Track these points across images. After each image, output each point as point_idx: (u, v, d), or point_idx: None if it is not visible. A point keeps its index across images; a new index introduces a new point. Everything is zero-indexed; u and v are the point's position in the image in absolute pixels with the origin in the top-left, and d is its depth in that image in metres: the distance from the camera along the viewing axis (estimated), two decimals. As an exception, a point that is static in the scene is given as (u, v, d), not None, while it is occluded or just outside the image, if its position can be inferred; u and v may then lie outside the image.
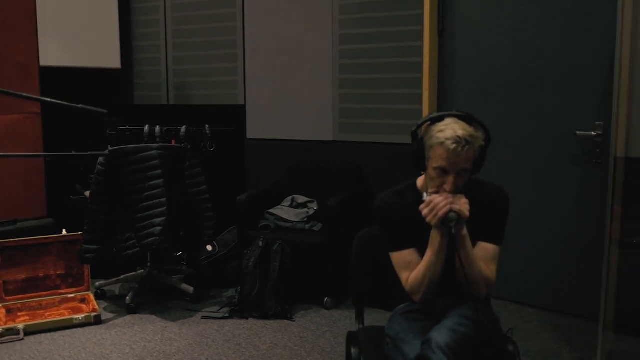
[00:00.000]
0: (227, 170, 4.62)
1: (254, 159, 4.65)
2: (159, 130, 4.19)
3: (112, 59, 4.75)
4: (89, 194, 3.61)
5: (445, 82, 3.88)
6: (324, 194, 3.92)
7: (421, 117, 2.03)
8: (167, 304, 3.81)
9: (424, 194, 1.96)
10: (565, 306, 3.54)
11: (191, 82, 4.83)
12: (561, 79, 3.43)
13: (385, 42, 4.05)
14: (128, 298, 3.69)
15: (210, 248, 4.15)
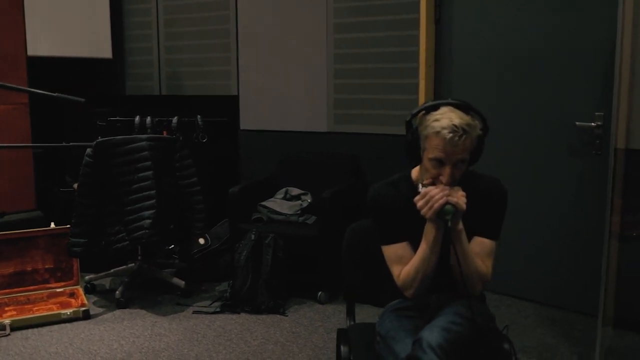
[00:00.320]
0: (220, 162, 4.55)
1: (247, 150, 4.57)
2: (150, 121, 4.12)
3: (103, 49, 4.66)
4: (77, 186, 3.53)
5: (442, 72, 3.80)
6: (318, 186, 3.84)
7: (417, 107, 1.95)
8: (158, 298, 3.74)
9: (419, 186, 1.88)
10: (563, 301, 3.48)
11: (184, 72, 4.75)
12: (560, 67, 3.35)
13: (381, 31, 3.96)
14: (118, 292, 3.61)
15: (203, 241, 4.08)
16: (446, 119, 1.80)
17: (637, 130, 3.09)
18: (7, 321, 3.23)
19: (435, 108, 1.86)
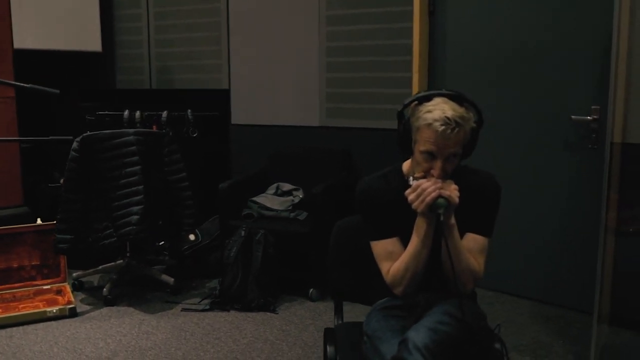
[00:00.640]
0: (211, 157, 4.48)
1: (239, 145, 4.50)
2: (139, 115, 4.04)
3: (92, 42, 4.58)
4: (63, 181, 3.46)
5: (436, 65, 3.73)
6: (310, 182, 3.77)
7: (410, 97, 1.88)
8: (147, 295, 3.68)
9: (410, 179, 1.82)
10: (559, 298, 3.42)
11: (174, 66, 4.67)
12: (556, 60, 3.29)
13: (374, 23, 3.89)
14: (105, 289, 3.55)
15: (193, 237, 4.02)
16: (439, 110, 1.73)
17: (633, 124, 3.03)
18: (-9, 319, 3.17)
19: (428, 99, 1.80)
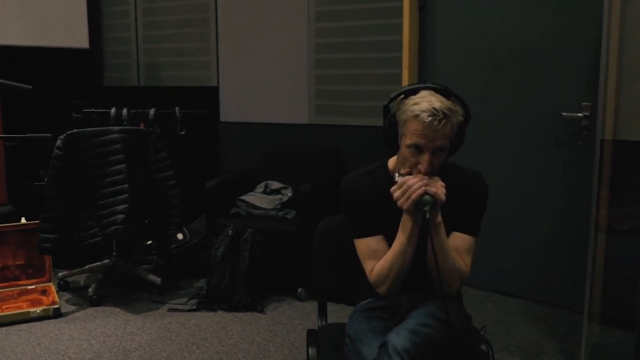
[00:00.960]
0: (201, 155, 4.42)
1: (228, 143, 4.44)
2: (126, 112, 3.99)
3: (79, 38, 4.52)
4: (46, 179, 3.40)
5: (426, 61, 3.69)
6: (299, 180, 3.71)
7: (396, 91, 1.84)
8: (133, 295, 3.62)
9: (396, 175, 1.77)
10: (550, 297, 3.38)
11: (163, 63, 4.61)
12: (547, 56, 3.24)
13: (363, 19, 3.83)
14: (90, 289, 3.49)
15: (181, 236, 3.96)
16: (426, 102, 1.69)
17: (625, 121, 2.99)
18: (-27, 320, 3.12)
19: (415, 92, 1.75)
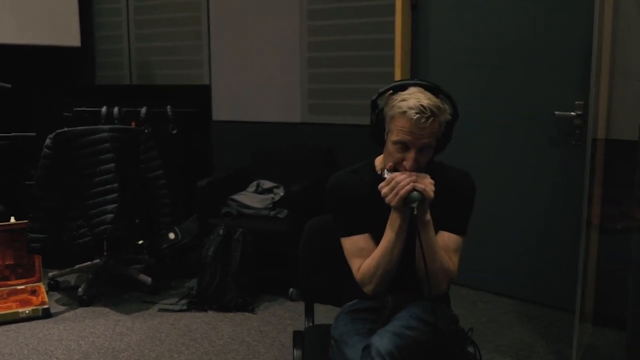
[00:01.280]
0: (193, 154, 4.40)
1: (220, 142, 4.41)
2: (117, 111, 3.96)
3: (71, 37, 4.48)
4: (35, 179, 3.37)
5: (419, 60, 3.66)
6: (292, 179, 3.69)
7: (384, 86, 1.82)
8: (124, 295, 3.60)
9: (384, 172, 1.75)
10: (543, 297, 3.36)
11: (155, 61, 4.58)
12: (540, 55, 3.22)
13: (356, 17, 3.81)
14: (80, 290, 3.46)
15: (173, 236, 3.94)
16: (414, 99, 1.67)
17: (617, 120, 2.97)
18: (-39, 321, 3.09)
19: (403, 88, 1.73)
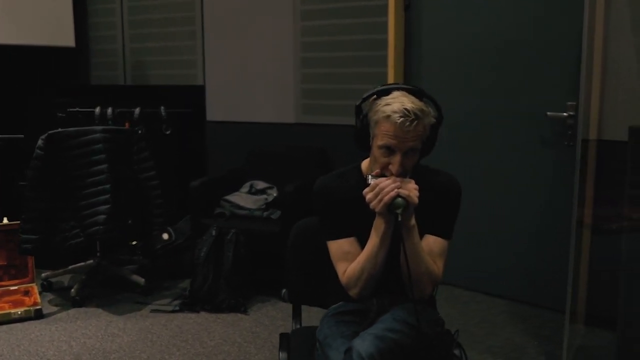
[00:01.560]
0: (187, 155, 4.39)
1: (215, 142, 4.41)
2: (111, 112, 3.95)
3: (65, 37, 4.47)
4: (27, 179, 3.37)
5: (412, 60, 3.66)
6: (285, 180, 3.68)
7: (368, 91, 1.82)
8: (117, 296, 3.60)
9: (369, 177, 1.75)
10: (537, 298, 3.36)
11: (149, 62, 4.58)
12: (532, 55, 3.22)
13: (349, 18, 3.81)
14: (73, 290, 3.46)
15: (167, 237, 3.93)
16: (398, 103, 1.67)
17: (609, 121, 2.97)
18: (-47, 322, 3.09)
19: (387, 92, 1.73)
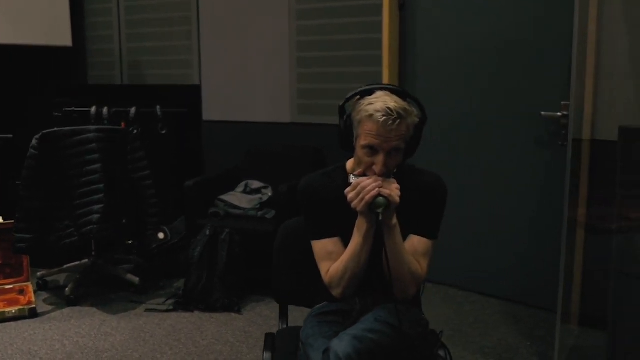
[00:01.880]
0: (183, 155, 4.39)
1: (211, 142, 4.41)
2: (106, 111, 3.96)
3: (62, 37, 4.48)
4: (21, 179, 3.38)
5: (406, 60, 3.65)
6: (281, 179, 3.68)
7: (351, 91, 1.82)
8: (112, 295, 3.60)
9: (351, 177, 1.75)
10: (531, 298, 3.35)
11: (145, 61, 4.59)
12: (527, 55, 3.21)
13: (345, 17, 3.81)
14: (67, 289, 3.47)
15: (162, 236, 3.94)
16: (381, 102, 1.66)
17: (602, 121, 2.96)
18: (-53, 321, 3.10)
19: (370, 92, 1.73)
